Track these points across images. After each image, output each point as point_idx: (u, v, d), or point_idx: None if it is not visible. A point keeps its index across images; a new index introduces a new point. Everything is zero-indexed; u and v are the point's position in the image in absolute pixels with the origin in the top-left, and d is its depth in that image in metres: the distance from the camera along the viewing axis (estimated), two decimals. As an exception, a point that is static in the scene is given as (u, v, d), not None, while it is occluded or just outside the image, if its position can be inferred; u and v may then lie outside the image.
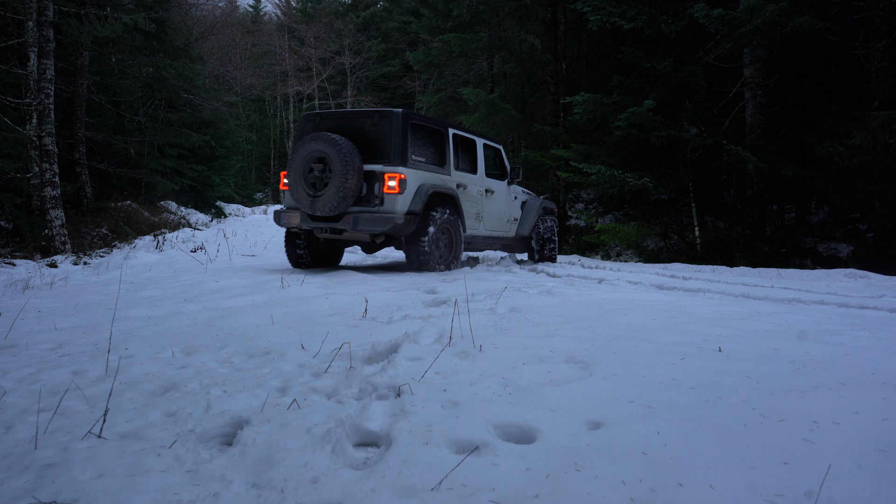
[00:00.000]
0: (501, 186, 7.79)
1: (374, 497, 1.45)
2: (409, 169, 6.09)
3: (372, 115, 6.30)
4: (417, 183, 6.18)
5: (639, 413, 1.86)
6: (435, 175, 6.50)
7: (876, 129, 8.03)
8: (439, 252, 6.51)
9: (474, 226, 7.18)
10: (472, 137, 7.37)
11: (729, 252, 9.91)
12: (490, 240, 7.68)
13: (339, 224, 6.09)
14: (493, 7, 14.27)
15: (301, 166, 6.17)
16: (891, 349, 2.60)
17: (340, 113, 6.61)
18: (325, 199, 5.99)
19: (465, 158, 7.19)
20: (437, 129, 6.73)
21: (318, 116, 6.64)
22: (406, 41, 30.64)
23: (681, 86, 10.29)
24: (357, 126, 6.30)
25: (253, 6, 41.09)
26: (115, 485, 1.54)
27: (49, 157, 9.84)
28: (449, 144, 6.79)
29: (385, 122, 6.15)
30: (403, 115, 6.16)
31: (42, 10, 9.71)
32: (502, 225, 7.83)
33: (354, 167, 5.91)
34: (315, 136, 6.08)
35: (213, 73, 22.01)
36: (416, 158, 6.27)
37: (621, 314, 3.47)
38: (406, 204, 6.04)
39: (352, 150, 5.95)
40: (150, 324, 3.68)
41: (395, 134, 6.06)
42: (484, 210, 7.33)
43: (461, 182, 6.91)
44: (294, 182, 6.24)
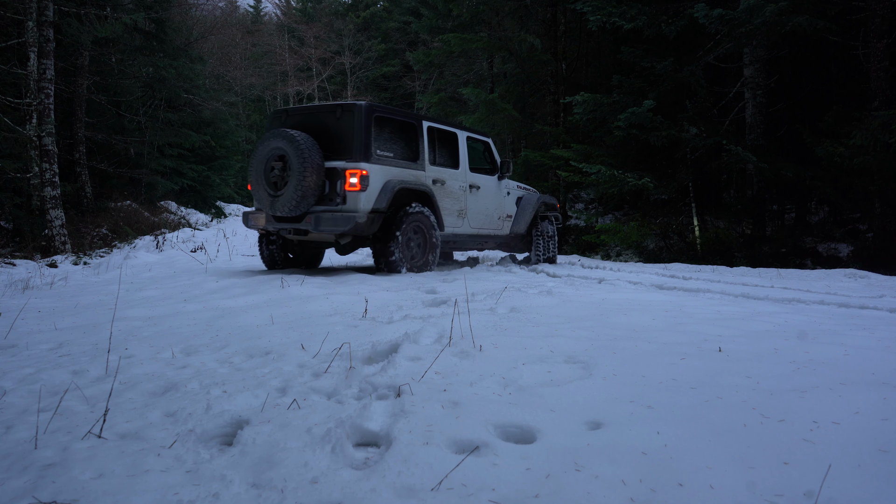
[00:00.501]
0: (490, 182, 7.44)
1: (374, 497, 1.45)
2: (372, 165, 5.81)
3: (335, 109, 6.02)
4: (383, 179, 5.90)
5: (639, 413, 1.86)
6: (405, 171, 6.20)
7: (876, 129, 8.03)
8: (410, 252, 6.23)
9: (456, 224, 6.88)
10: (453, 130, 7.02)
11: (729, 252, 9.91)
12: (478, 238, 7.37)
13: (301, 224, 5.87)
14: (493, 7, 14.27)
15: (262, 165, 5.96)
16: (891, 349, 2.60)
17: (306, 108, 6.36)
18: (285, 199, 5.76)
19: (443, 153, 6.85)
20: (409, 122, 6.42)
21: (285, 113, 6.41)
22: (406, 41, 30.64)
23: (681, 86, 10.29)
24: (321, 121, 6.04)
25: (253, 6, 41.08)
26: (115, 485, 1.54)
27: (49, 157, 9.84)
28: (423, 138, 6.48)
29: (347, 116, 5.86)
30: (366, 108, 5.88)
31: (42, 10, 9.72)
32: (492, 222, 7.49)
33: (313, 164, 5.65)
34: (275, 132, 5.86)
35: (213, 73, 22.01)
36: (383, 153, 5.98)
37: (621, 314, 3.47)
38: (370, 202, 5.78)
39: (311, 147, 5.70)
40: (150, 324, 3.68)
41: (357, 128, 5.78)
42: (468, 207, 7.02)
43: (438, 178, 6.60)
44: (255, 181, 6.04)
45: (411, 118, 6.47)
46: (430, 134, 6.64)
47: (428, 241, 6.38)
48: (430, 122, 6.66)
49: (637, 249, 11.60)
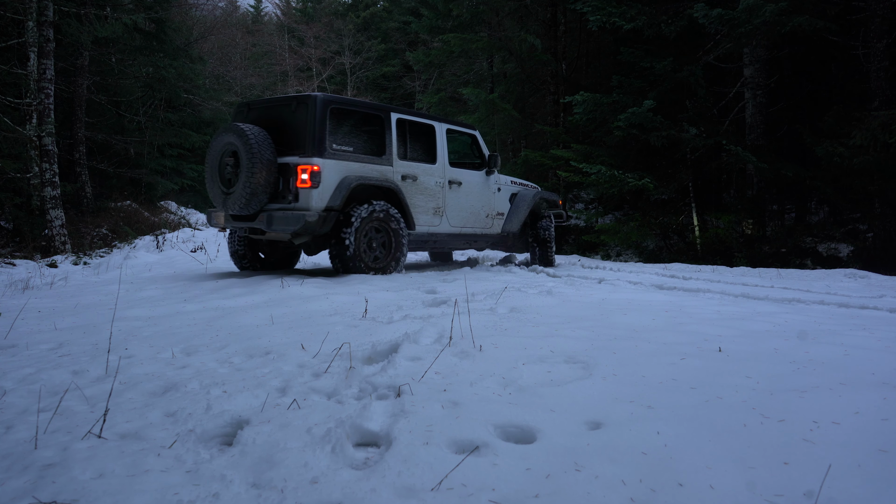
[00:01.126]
0: (475, 177, 7.03)
1: (374, 497, 1.45)
2: (326, 160, 5.49)
3: (290, 102, 5.75)
4: (340, 175, 5.57)
5: (639, 413, 1.86)
6: (367, 166, 5.84)
7: (876, 129, 8.03)
8: (372, 253, 5.89)
9: (432, 222, 6.49)
10: (429, 123, 6.60)
11: (729, 252, 9.91)
12: (462, 238, 6.95)
13: (255, 223, 5.64)
14: (493, 7, 14.28)
15: (215, 161, 5.76)
16: (891, 349, 2.60)
17: (266, 101, 6.09)
18: (235, 196, 5.53)
19: (417, 146, 6.49)
20: (375, 114, 6.05)
21: (247, 106, 6.15)
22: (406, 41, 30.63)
23: (681, 86, 10.30)
24: (278, 115, 5.78)
25: (253, 6, 41.09)
26: (115, 485, 1.54)
27: (49, 157, 9.84)
28: (391, 131, 6.11)
29: (302, 108, 5.56)
30: (321, 99, 5.56)
31: (42, 10, 9.71)
32: (479, 221, 7.06)
33: (263, 160, 5.40)
34: (227, 127, 5.65)
35: (213, 73, 22.01)
36: (341, 148, 5.66)
37: (621, 314, 3.48)
38: (323, 199, 5.46)
39: (262, 142, 5.44)
40: (150, 324, 3.68)
41: (310, 121, 5.46)
42: (447, 204, 6.62)
43: (409, 173, 6.23)
44: (210, 178, 5.85)
45: (377, 110, 6.11)
46: (401, 127, 6.28)
47: (393, 241, 6.00)
48: (400, 114, 6.30)
49: (637, 249, 11.60)
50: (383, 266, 5.98)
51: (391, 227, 5.95)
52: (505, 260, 8.46)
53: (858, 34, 9.43)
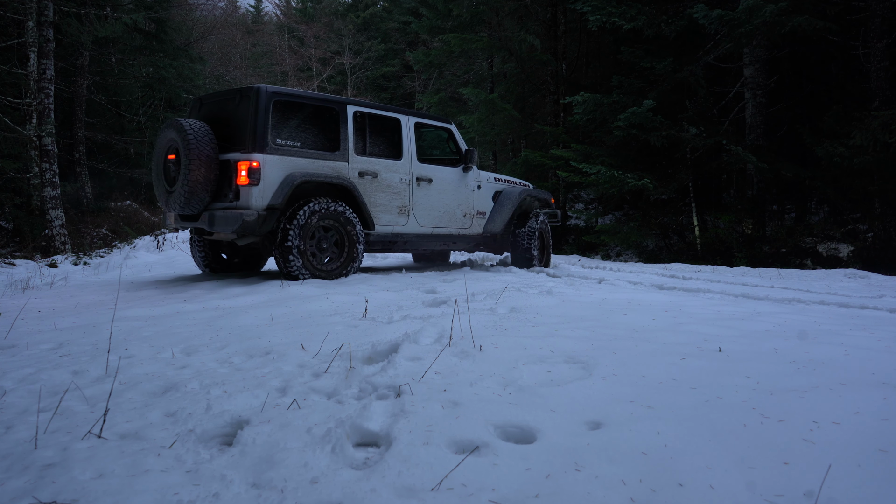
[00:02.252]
0: (449, 173, 6.58)
1: (374, 497, 1.45)
2: (268, 156, 5.17)
3: (235, 94, 5.46)
4: (284, 172, 5.25)
5: (639, 413, 1.86)
6: (317, 162, 5.49)
7: (876, 129, 8.03)
8: (322, 255, 5.54)
9: (397, 221, 6.12)
10: (393, 116, 6.20)
11: (729, 252, 9.92)
12: (435, 238, 6.54)
13: (198, 223, 5.38)
14: (493, 7, 14.29)
15: (160, 158, 5.52)
16: (891, 349, 2.60)
17: (215, 95, 5.83)
18: (176, 196, 5.27)
19: (378, 141, 6.21)
20: (328, 107, 5.71)
21: (199, 101, 5.90)
22: (406, 41, 30.63)
23: (681, 86, 10.31)
24: (224, 109, 5.50)
25: (253, 6, 41.10)
26: (115, 485, 1.54)
27: (49, 157, 9.84)
28: (347, 125, 5.74)
29: (245, 102, 5.27)
30: (263, 91, 5.24)
31: (42, 10, 9.72)
32: (454, 220, 6.62)
33: (201, 157, 5.13)
34: (169, 122, 5.39)
35: (213, 73, 22.00)
36: (286, 143, 5.33)
37: (621, 314, 3.47)
38: (264, 198, 5.15)
39: (201, 138, 5.17)
40: (150, 324, 3.67)
41: (251, 115, 5.16)
42: (415, 203, 6.23)
43: (367, 170, 5.84)
44: (155, 177, 5.60)
45: (330, 103, 5.74)
46: (359, 121, 5.99)
47: (346, 243, 5.63)
48: (358, 107, 5.92)
49: (637, 249, 11.60)
50: (335, 269, 5.58)
51: (343, 227, 5.57)
52: (504, 260, 8.46)
53: (858, 34, 9.43)
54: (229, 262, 6.53)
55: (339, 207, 5.52)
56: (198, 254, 6.35)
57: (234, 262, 6.57)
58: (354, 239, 5.64)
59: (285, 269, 5.34)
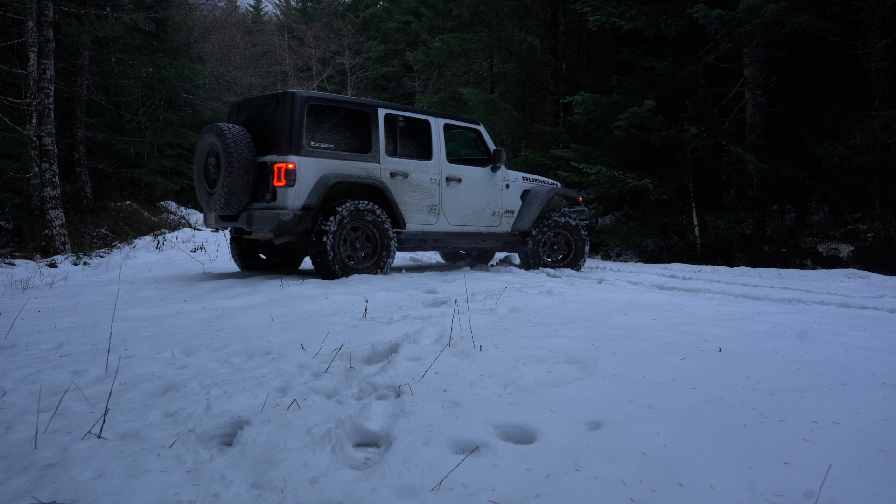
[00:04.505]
0: (478, 173, 6.73)
1: (374, 497, 1.45)
2: (303, 157, 5.40)
3: (271, 99, 5.69)
4: (318, 173, 5.47)
5: (639, 413, 1.86)
6: (350, 163, 5.70)
7: (876, 129, 8.03)
8: (355, 254, 5.74)
9: (428, 220, 6.28)
10: (423, 118, 6.38)
11: (729, 252, 9.91)
12: (464, 237, 6.66)
13: (238, 223, 5.62)
14: (493, 7, 14.28)
15: (201, 162, 5.79)
16: (891, 349, 2.60)
17: (252, 100, 6.05)
18: (216, 196, 5.52)
19: (409, 143, 6.33)
20: (360, 110, 5.91)
21: (237, 106, 6.16)
22: (406, 41, 30.63)
23: (681, 86, 10.30)
24: (261, 114, 5.74)
25: (253, 6, 41.10)
26: (115, 485, 1.54)
27: (49, 157, 9.84)
28: (378, 127, 5.95)
29: (281, 106, 5.50)
30: (299, 96, 5.46)
31: (42, 10, 9.72)
32: (484, 219, 6.75)
33: (240, 159, 5.37)
34: (209, 127, 5.66)
35: (213, 73, 21.99)
36: (320, 145, 5.55)
37: (621, 314, 3.47)
38: (300, 198, 5.37)
39: (239, 141, 5.42)
40: (150, 324, 3.68)
41: (287, 119, 5.39)
42: (445, 202, 6.39)
43: (398, 170, 6.04)
44: (197, 179, 5.87)
45: (362, 106, 5.95)
46: (389, 123, 6.13)
47: (379, 241, 5.81)
48: (389, 109, 6.13)
49: (637, 249, 11.60)
50: (368, 267, 5.79)
51: (375, 226, 5.75)
52: (505, 260, 8.45)
53: (858, 34, 9.43)
54: (267, 261, 6.72)
55: (371, 207, 5.72)
56: (236, 253, 6.56)
57: (272, 261, 6.75)
58: (386, 238, 5.84)
59: (322, 268, 5.53)
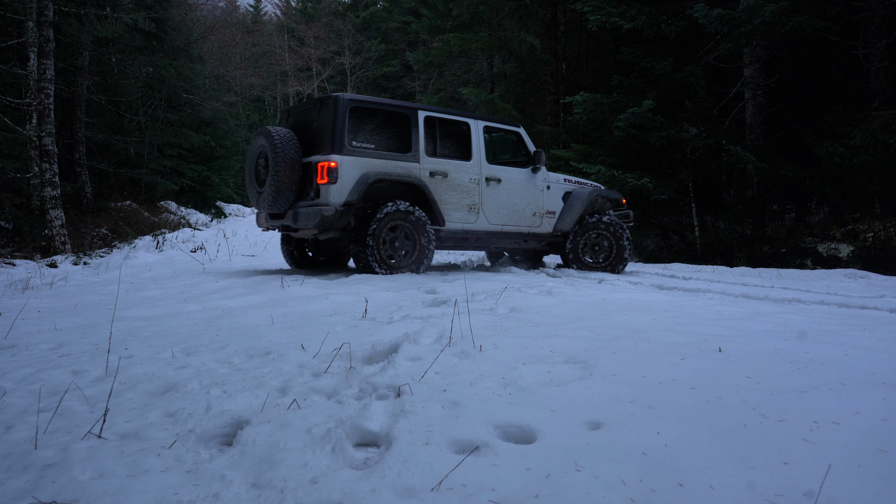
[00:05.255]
0: (518, 174, 6.82)
1: (374, 497, 1.45)
2: (345, 157, 5.64)
3: (316, 103, 5.99)
4: (359, 172, 5.70)
5: (639, 413, 1.86)
6: (391, 163, 5.90)
7: (876, 129, 8.03)
8: (395, 251, 5.92)
9: (467, 219, 6.42)
10: (464, 120, 6.57)
11: (729, 252, 9.92)
12: (505, 236, 6.77)
13: (284, 220, 5.87)
14: (493, 7, 14.28)
15: (252, 163, 6.12)
16: (891, 349, 2.60)
17: (300, 105, 6.40)
18: (265, 195, 5.84)
19: (448, 144, 6.51)
20: (401, 112, 6.14)
21: (288, 111, 6.49)
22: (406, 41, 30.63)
23: (680, 86, 10.30)
24: (308, 117, 6.04)
25: (253, 6, 41.10)
26: (115, 485, 1.54)
27: (49, 157, 9.84)
28: (418, 129, 6.15)
29: (325, 109, 5.80)
30: (342, 99, 5.74)
31: (42, 10, 9.72)
32: (524, 219, 6.84)
33: (286, 159, 5.67)
34: (259, 130, 5.98)
35: (213, 73, 22.01)
36: (361, 145, 5.78)
37: (621, 314, 3.47)
38: (342, 195, 5.61)
39: (286, 143, 5.72)
40: (150, 324, 3.68)
41: (331, 120, 5.67)
42: (484, 201, 6.52)
43: (438, 170, 6.20)
44: (248, 179, 6.20)
45: (403, 108, 6.18)
46: (429, 124, 6.35)
47: (418, 240, 5.97)
48: (430, 111, 6.36)
49: (637, 249, 11.60)
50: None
51: (414, 225, 5.93)
52: (505, 260, 8.46)
53: (858, 34, 9.43)
54: (315, 259, 7.00)
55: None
56: (286, 251, 6.89)
57: (319, 259, 7.02)
58: (424, 236, 6.01)
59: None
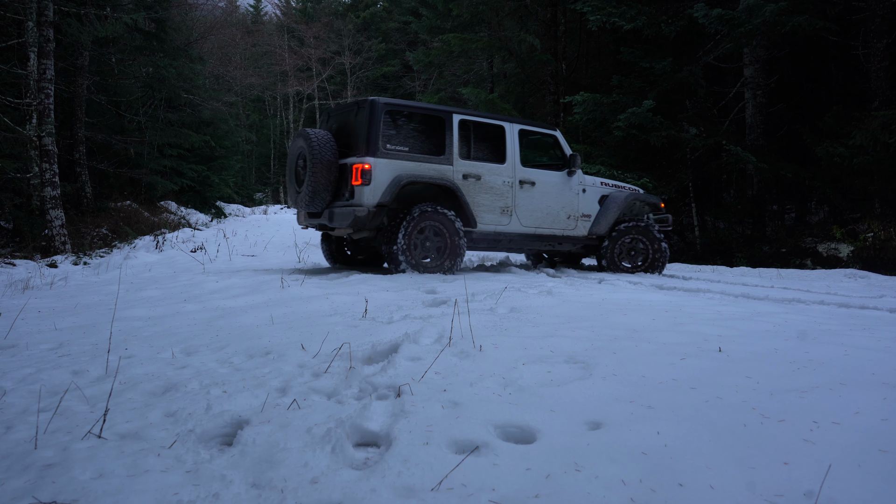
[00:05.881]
0: (553, 177, 6.82)
1: (374, 497, 1.45)
2: (378, 159, 5.78)
3: (353, 106, 6.17)
4: (393, 174, 5.84)
5: (639, 413, 1.86)
6: (424, 165, 6.02)
7: (876, 129, 8.03)
8: (425, 252, 6.03)
9: (500, 221, 6.48)
10: (498, 123, 6.63)
11: (729, 252, 9.92)
12: (538, 239, 6.80)
13: (321, 219, 6.05)
14: (493, 7, 14.28)
15: (292, 164, 6.31)
16: (891, 349, 2.60)
17: (339, 108, 6.55)
18: (302, 195, 6.02)
19: (482, 147, 6.56)
20: (436, 116, 6.27)
21: (327, 114, 6.70)
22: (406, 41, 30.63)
23: (680, 86, 10.31)
24: (347, 120, 6.21)
25: (253, 6, 41.10)
26: (115, 485, 1.54)
27: (49, 157, 9.84)
28: (452, 132, 6.26)
29: (361, 112, 5.95)
30: (376, 103, 5.88)
31: (42, 10, 9.71)
32: (558, 221, 6.84)
33: (323, 161, 5.84)
34: (299, 132, 6.17)
35: (213, 73, 22.00)
36: (395, 148, 5.92)
37: (621, 314, 3.47)
38: (375, 196, 5.77)
39: (324, 145, 5.88)
40: (150, 324, 3.68)
41: (365, 123, 5.83)
42: (517, 204, 6.56)
43: (471, 172, 6.30)
44: (288, 180, 6.42)
45: (438, 112, 6.30)
46: (464, 127, 6.42)
47: (449, 241, 6.07)
48: (464, 115, 6.43)
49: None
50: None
51: (445, 225, 6.03)
52: (504, 260, 8.46)
53: (858, 34, 9.43)
54: (354, 257, 7.22)
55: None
56: (326, 250, 7.18)
57: (358, 257, 7.24)
58: (456, 237, 6.10)
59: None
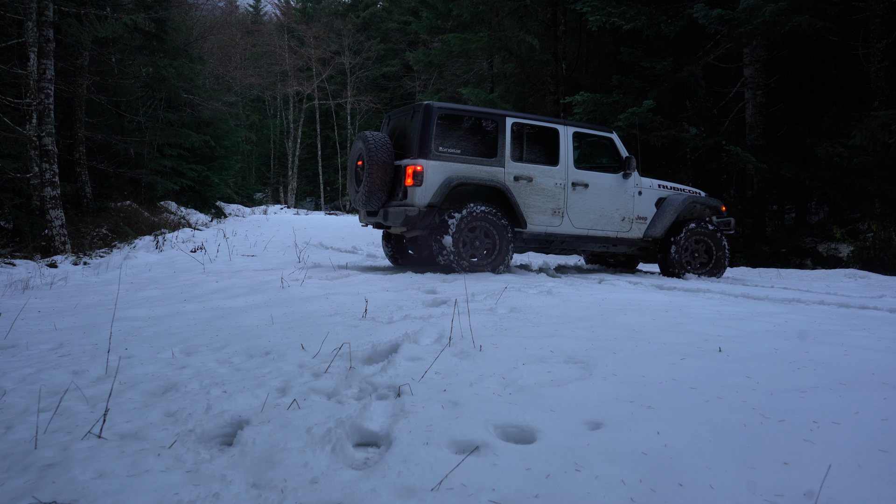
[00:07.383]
0: (607, 179, 6.80)
1: (374, 497, 1.45)
2: (430, 161, 5.98)
3: (409, 110, 6.42)
4: (444, 175, 6.03)
5: (639, 413, 1.86)
6: (475, 167, 6.17)
7: (876, 129, 8.03)
8: (472, 250, 6.16)
9: (550, 222, 6.53)
10: (552, 126, 6.68)
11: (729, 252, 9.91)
12: (591, 240, 6.78)
13: (377, 218, 6.34)
14: (493, 7, 14.28)
15: (353, 165, 6.60)
16: (891, 349, 2.60)
17: (398, 111, 6.79)
18: (360, 195, 6.32)
19: (535, 149, 6.59)
20: (489, 119, 6.43)
21: (388, 118, 6.96)
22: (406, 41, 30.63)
23: (680, 86, 10.31)
24: (403, 123, 6.47)
25: (253, 6, 41.10)
26: (115, 485, 1.54)
27: (49, 157, 9.84)
28: (505, 135, 6.36)
29: (416, 115, 6.20)
30: (430, 107, 6.11)
31: (42, 10, 9.71)
32: (612, 223, 6.82)
33: (378, 162, 6.10)
34: (359, 135, 6.40)
35: (213, 73, 22.00)
36: (447, 150, 6.09)
37: (621, 314, 3.47)
38: (426, 196, 5.97)
39: (380, 146, 6.14)
40: (150, 324, 3.67)
41: (420, 126, 6.06)
42: (569, 205, 6.59)
43: (523, 174, 6.38)
44: (349, 180, 6.71)
45: (491, 115, 6.44)
46: (516, 130, 6.48)
47: (498, 241, 6.20)
48: (517, 118, 6.52)
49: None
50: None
51: (494, 225, 6.16)
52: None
53: (858, 34, 9.43)
54: (413, 256, 7.40)
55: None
56: (386, 248, 7.43)
57: (416, 257, 7.38)
58: (504, 238, 6.23)
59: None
